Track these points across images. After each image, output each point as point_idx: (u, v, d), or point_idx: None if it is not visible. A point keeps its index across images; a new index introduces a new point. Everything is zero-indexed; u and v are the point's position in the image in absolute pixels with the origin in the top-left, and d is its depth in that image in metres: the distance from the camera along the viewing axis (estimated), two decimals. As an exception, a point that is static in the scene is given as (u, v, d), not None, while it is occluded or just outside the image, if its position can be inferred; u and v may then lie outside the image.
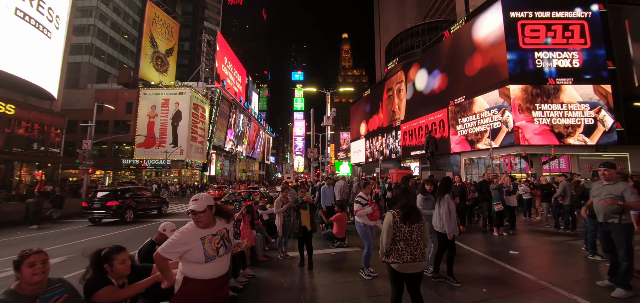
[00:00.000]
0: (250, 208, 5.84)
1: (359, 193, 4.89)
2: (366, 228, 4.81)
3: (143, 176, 34.03)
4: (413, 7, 64.50)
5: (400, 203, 2.91)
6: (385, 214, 3.04)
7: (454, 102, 29.04)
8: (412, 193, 3.02)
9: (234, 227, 5.69)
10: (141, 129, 32.80)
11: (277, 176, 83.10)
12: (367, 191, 5.00)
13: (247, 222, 5.57)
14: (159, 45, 37.63)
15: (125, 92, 35.84)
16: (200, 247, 2.04)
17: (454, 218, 4.34)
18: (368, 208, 4.77)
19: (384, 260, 2.90)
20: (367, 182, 5.03)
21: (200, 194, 2.17)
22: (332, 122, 16.24)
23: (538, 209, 10.67)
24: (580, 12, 23.20)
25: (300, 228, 5.27)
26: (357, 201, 4.82)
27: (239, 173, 52.16)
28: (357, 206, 4.79)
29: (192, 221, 2.12)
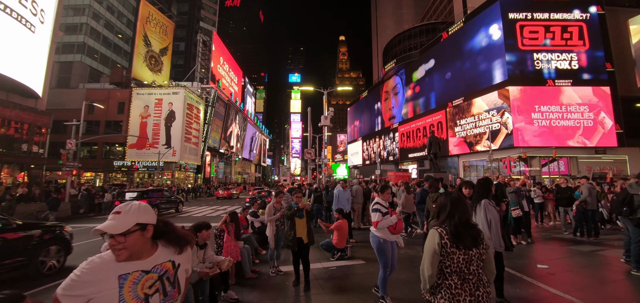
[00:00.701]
0: (235, 216, 4.99)
1: (376, 200, 3.96)
2: (385, 244, 3.86)
3: (135, 178, 33.14)
4: (410, 9, 64.55)
5: (449, 217, 2.04)
6: (429, 232, 2.11)
7: (452, 104, 28.76)
8: (466, 203, 2.14)
9: (216, 240, 5.01)
10: (133, 130, 31.98)
11: (274, 178, 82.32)
12: (386, 197, 4.06)
13: (231, 232, 4.73)
14: (152, 44, 36.90)
15: (117, 91, 35.00)
16: (115, 291, 1.23)
17: (497, 228, 3.55)
18: (390, 217, 3.84)
19: (428, 298, 2.11)
20: (386, 185, 4.12)
21: (129, 204, 1.33)
22: (329, 123, 15.72)
23: (551, 214, 10.14)
24: (578, 14, 23.10)
25: (295, 240, 4.48)
26: (376, 209, 3.84)
27: (235, 175, 51.37)
28: (377, 215, 3.80)
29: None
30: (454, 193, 2.16)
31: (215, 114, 38.67)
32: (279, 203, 5.37)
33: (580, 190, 8.02)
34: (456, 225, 1.98)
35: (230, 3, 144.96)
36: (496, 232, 3.52)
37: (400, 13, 65.02)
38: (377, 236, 3.86)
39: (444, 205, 2.09)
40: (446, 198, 2.11)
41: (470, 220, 2.05)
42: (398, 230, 3.97)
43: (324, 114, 16.03)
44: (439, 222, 2.09)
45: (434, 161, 11.78)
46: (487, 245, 2.04)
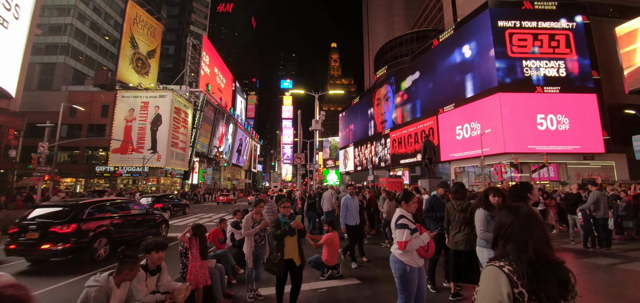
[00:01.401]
0: (199, 229, 4.00)
1: (399, 213, 3.08)
2: (412, 273, 2.93)
3: (118, 184, 31.77)
4: (402, 17, 65.51)
5: (518, 247, 1.26)
6: (484, 269, 1.34)
7: (443, 110, 28.82)
8: (543, 223, 1.39)
9: (181, 259, 4.31)
10: (117, 133, 30.75)
11: (264, 184, 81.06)
12: (412, 207, 3.12)
13: (195, 250, 3.84)
14: (139, 46, 35.90)
15: (101, 94, 33.75)
16: None
17: None
18: (421, 236, 2.99)
19: None
20: (409, 193, 3.21)
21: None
22: (321, 127, 15.25)
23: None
24: (565, 23, 23.58)
25: (282, 263, 3.61)
26: (401, 225, 2.96)
27: (224, 181, 50.17)
28: (403, 234, 2.91)
29: None
30: (523, 207, 1.38)
31: (204, 119, 37.73)
32: (258, 214, 4.57)
33: (586, 197, 7.60)
34: (532, 261, 1.20)
35: (222, 8, 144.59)
36: None
37: (392, 20, 65.89)
38: (402, 261, 2.93)
39: (508, 226, 1.31)
40: (511, 214, 1.35)
41: (554, 256, 1.24)
42: (430, 253, 3.08)
43: (315, 117, 15.53)
44: (501, 253, 1.31)
45: (429, 166, 11.41)
46: (577, 292, 1.24)
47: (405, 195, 3.19)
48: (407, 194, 3.20)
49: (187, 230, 3.99)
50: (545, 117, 22.16)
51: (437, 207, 4.85)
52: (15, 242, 6.22)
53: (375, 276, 5.42)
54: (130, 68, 34.61)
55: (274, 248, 3.75)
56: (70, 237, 6.23)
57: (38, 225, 6.30)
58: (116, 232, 7.37)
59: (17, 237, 6.25)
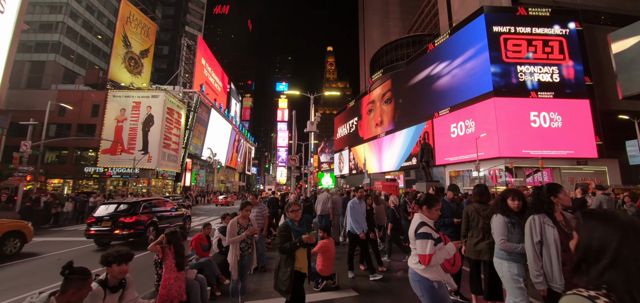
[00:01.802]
0: (174, 236, 3.51)
1: (419, 220, 2.60)
2: (440, 289, 2.52)
3: (108, 185, 30.94)
4: (397, 22, 65.93)
5: (620, 270, 0.91)
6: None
7: (438, 114, 28.85)
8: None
9: (156, 270, 3.92)
10: (108, 134, 29.99)
11: (259, 187, 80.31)
12: (434, 214, 2.66)
13: (170, 260, 3.39)
14: (133, 45, 35.28)
15: (92, 93, 32.96)
16: None
17: (558, 257, 2.48)
18: (447, 247, 2.57)
19: None
20: (432, 199, 2.70)
21: None
22: (316, 129, 14.97)
23: None
24: (558, 30, 23.86)
25: (291, 280, 3.06)
26: (423, 234, 2.50)
27: (217, 183, 49.45)
28: (426, 245, 2.46)
29: None
30: (625, 216, 1.01)
31: (198, 120, 37.15)
32: (245, 218, 4.11)
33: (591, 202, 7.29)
34: (634, 288, 0.87)
35: (218, 10, 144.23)
36: (557, 264, 2.37)
37: (387, 25, 66.28)
38: (427, 278, 2.49)
39: (613, 246, 0.94)
40: (615, 229, 0.96)
41: None
42: (457, 266, 2.64)
43: (310, 119, 15.24)
44: (590, 279, 0.96)
45: (426, 169, 11.18)
46: None
47: (428, 199, 2.64)
48: (430, 199, 2.65)
49: (160, 238, 3.52)
50: (538, 115, 22.31)
51: (446, 212, 4.44)
52: (93, 228, 8.18)
53: (374, 287, 5.05)
54: (123, 67, 33.94)
55: (282, 262, 3.16)
56: (133, 225, 8.27)
57: (110, 217, 8.26)
58: (160, 223, 9.30)
59: (94, 225, 8.25)
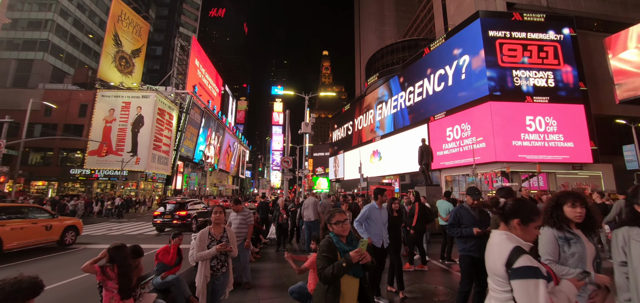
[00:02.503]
0: (119, 252, 2.74)
1: (511, 243, 1.61)
2: None
3: (95, 188, 29.89)
4: (393, 27, 66.35)
5: None
6: None
7: (434, 118, 28.68)
8: None
9: (100, 293, 2.92)
10: (96, 135, 29.04)
11: (252, 191, 79.19)
12: (533, 233, 1.70)
13: (111, 284, 2.66)
14: (124, 44, 34.47)
15: (79, 92, 32.01)
16: None
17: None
18: (563, 288, 1.69)
19: None
20: (531, 210, 1.70)
21: None
22: (310, 130, 14.49)
23: None
24: (553, 35, 23.96)
25: None
26: (525, 270, 1.49)
27: (210, 187, 48.46)
28: (531, 288, 1.47)
29: None
30: None
31: (190, 122, 36.36)
32: (219, 227, 3.28)
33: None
34: None
35: (214, 13, 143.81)
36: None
37: (383, 30, 66.61)
38: None
39: None
40: None
41: None
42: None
43: (304, 120, 14.75)
44: None
45: (426, 173, 10.73)
46: None
47: (520, 209, 1.71)
48: (523, 207, 1.71)
49: (101, 255, 2.78)
50: (534, 119, 22.25)
51: (466, 220, 3.72)
52: (159, 219, 12.29)
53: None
54: (113, 67, 33.08)
55: (331, 294, 2.08)
56: (185, 218, 12.28)
57: (169, 211, 12.42)
58: (198, 216, 13.05)
59: (159, 217, 12.35)
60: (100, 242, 10.47)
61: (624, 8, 26.74)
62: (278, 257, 7.58)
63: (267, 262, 7.18)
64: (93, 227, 14.07)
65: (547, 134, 22.34)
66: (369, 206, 4.53)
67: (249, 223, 5.30)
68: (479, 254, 3.44)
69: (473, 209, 3.81)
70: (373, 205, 4.50)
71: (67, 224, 9.24)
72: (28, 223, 8.01)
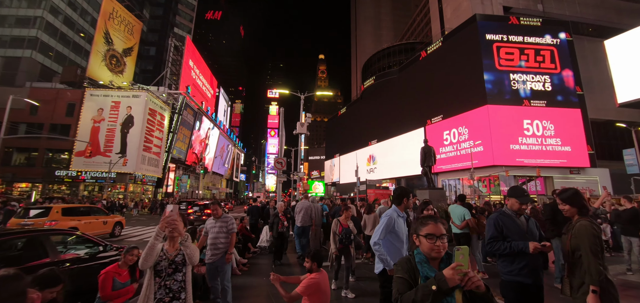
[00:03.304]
0: (46, 280, 2.14)
1: None
2: None
3: (81, 190, 28.78)
4: (389, 31, 66.53)
5: None
6: None
7: (430, 122, 28.40)
8: None
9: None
10: (83, 135, 28.02)
11: (247, 194, 78.11)
12: None
13: None
14: (115, 42, 33.60)
15: (67, 91, 30.97)
16: None
17: None
18: None
19: None
20: None
21: None
22: (306, 131, 13.92)
23: None
24: (549, 39, 23.93)
25: None
26: None
27: (203, 190, 47.42)
28: None
29: None
30: None
31: (183, 123, 35.50)
32: (174, 243, 2.37)
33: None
34: None
35: (210, 16, 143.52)
36: None
37: (380, 34, 66.72)
38: None
39: None
40: None
41: None
42: None
43: (300, 120, 14.18)
44: None
45: (428, 175, 10.16)
46: None
47: None
48: None
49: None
50: (531, 123, 22.06)
51: (512, 231, 2.70)
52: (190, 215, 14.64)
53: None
54: (103, 65, 32.15)
55: None
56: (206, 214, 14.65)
57: (200, 208, 15.46)
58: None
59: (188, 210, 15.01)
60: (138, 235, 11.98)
61: (618, 14, 26.96)
62: (271, 270, 6.60)
63: (257, 276, 6.16)
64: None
65: (544, 138, 22.17)
66: (390, 214, 3.19)
67: (231, 231, 4.22)
68: (533, 279, 2.57)
69: (518, 216, 2.83)
70: (396, 212, 3.23)
71: (116, 220, 12.02)
72: (93, 219, 10.53)
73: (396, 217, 3.16)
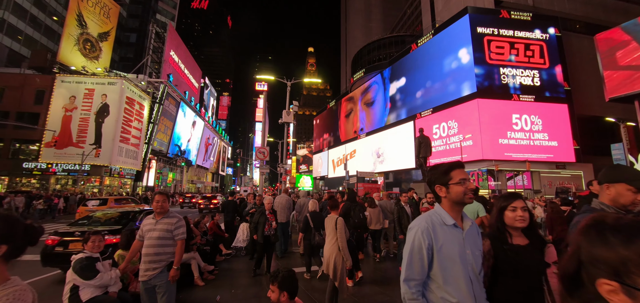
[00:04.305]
0: None
1: None
2: None
3: (52, 184, 26.88)
4: (379, 23, 65.85)
5: None
6: None
7: (420, 115, 28.06)
8: None
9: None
10: (54, 124, 26.08)
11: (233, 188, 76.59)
12: None
13: None
14: (89, 26, 31.36)
15: (36, 77, 28.70)
16: None
17: None
18: None
19: None
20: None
21: None
22: (293, 120, 13.07)
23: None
24: (539, 34, 23.89)
25: None
26: None
27: (187, 184, 45.76)
28: None
29: None
30: None
31: (164, 113, 33.78)
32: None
33: None
34: None
35: (196, 5, 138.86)
36: None
37: (370, 26, 65.97)
38: None
39: None
40: None
41: None
42: None
43: (286, 108, 13.27)
44: None
45: (424, 167, 9.51)
46: None
47: None
48: None
49: None
50: (520, 118, 22.04)
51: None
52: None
53: None
54: (76, 50, 29.96)
55: None
56: (216, 204, 18.72)
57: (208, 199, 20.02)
58: None
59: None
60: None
61: (605, 11, 27.26)
62: (247, 280, 5.30)
63: (225, 287, 4.79)
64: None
65: (532, 133, 22.21)
66: (426, 220, 1.56)
67: (177, 238, 2.99)
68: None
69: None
70: (439, 214, 1.60)
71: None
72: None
73: (441, 224, 1.55)
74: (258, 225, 5.43)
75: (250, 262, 6.27)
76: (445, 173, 1.57)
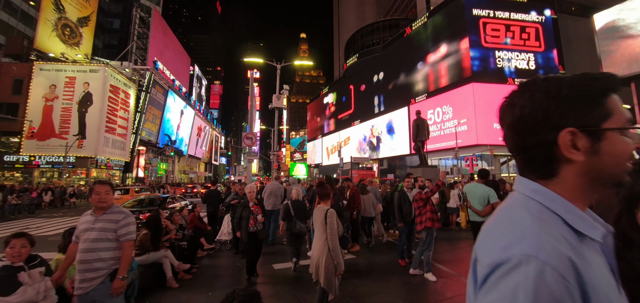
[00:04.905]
0: None
1: None
2: None
3: (36, 177, 25.88)
4: (373, 6, 64.34)
5: None
6: None
7: (415, 101, 27.68)
8: None
9: None
10: (33, 115, 24.89)
11: (227, 178, 75.85)
12: None
13: None
14: (67, 10, 29.65)
15: (12, 65, 27.17)
16: None
17: None
18: None
19: None
20: None
21: None
22: (284, 105, 12.49)
23: None
24: (535, 16, 23.46)
25: None
26: None
27: (179, 174, 44.91)
28: None
29: None
30: None
31: (151, 101, 32.64)
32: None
33: None
34: None
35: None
36: None
37: (363, 10, 64.47)
38: None
39: None
40: None
41: None
42: None
43: (276, 93, 12.68)
44: None
45: (421, 151, 9.11)
46: None
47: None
48: None
49: None
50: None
51: None
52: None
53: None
54: (54, 36, 28.38)
55: None
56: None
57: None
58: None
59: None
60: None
61: (601, -8, 26.83)
62: (229, 279, 4.68)
63: (202, 289, 4.22)
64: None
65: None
66: (551, 237, 0.51)
67: (123, 239, 2.35)
68: None
69: None
70: (569, 211, 0.55)
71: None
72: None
73: (575, 241, 0.53)
74: (242, 220, 4.54)
75: (235, 256, 5.82)
76: (593, 100, 0.55)
